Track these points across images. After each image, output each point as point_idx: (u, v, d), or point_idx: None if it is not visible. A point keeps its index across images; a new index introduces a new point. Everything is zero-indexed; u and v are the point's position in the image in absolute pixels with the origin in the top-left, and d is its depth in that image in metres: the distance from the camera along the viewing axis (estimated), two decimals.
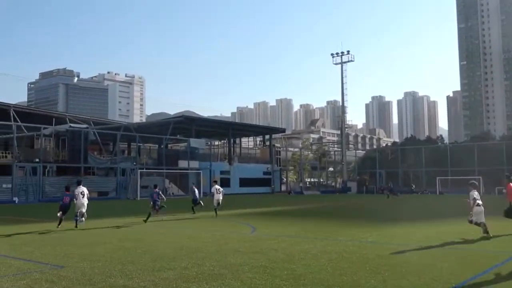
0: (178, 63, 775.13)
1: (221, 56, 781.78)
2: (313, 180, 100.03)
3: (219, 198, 23.78)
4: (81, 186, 18.56)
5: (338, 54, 78.64)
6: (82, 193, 18.15)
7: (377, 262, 9.98)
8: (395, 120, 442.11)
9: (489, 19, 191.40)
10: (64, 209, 18.02)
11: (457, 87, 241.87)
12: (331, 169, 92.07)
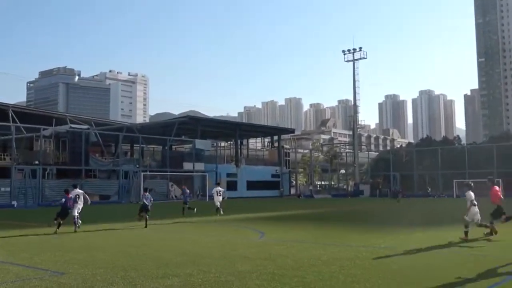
0: (182, 61, 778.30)
1: (227, 54, 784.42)
2: (323, 183, 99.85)
3: (219, 200, 25.86)
4: (76, 189, 19.58)
5: (349, 51, 78.71)
6: (77, 196, 19.08)
7: (391, 269, 9.94)
8: (410, 120, 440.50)
9: (508, 14, 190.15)
10: (64, 212, 18.52)
11: (475, 85, 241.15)
12: (343, 171, 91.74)
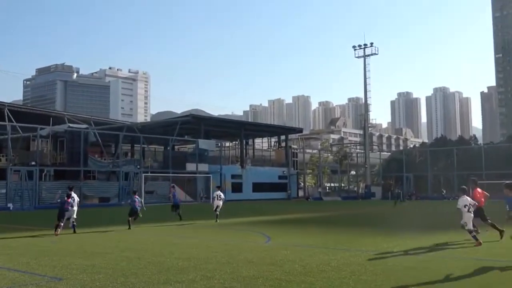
0: (185, 58, 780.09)
1: (232, 51, 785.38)
2: (333, 184, 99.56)
3: (219, 205, 25.91)
4: (72, 192, 20.07)
5: (360, 46, 78.51)
6: (73, 198, 19.71)
7: (404, 274, 9.90)
8: (424, 118, 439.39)
9: None
10: (62, 215, 18.84)
11: (492, 82, 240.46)
12: (353, 172, 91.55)
